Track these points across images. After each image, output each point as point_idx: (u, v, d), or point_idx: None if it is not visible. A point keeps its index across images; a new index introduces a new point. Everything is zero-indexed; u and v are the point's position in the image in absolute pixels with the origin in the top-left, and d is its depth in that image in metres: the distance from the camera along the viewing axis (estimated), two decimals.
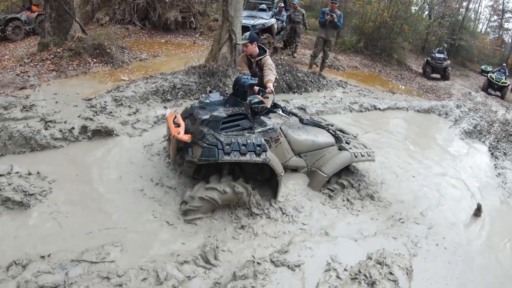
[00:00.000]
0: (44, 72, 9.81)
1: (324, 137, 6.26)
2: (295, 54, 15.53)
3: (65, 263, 4.15)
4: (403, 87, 16.62)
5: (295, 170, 6.10)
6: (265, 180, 5.72)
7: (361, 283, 4.40)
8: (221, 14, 10.02)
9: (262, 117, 5.49)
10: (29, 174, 5.37)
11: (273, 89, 5.81)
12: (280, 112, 5.71)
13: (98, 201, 5.27)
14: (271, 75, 6.06)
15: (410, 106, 12.38)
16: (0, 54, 13.38)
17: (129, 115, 7.29)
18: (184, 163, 5.46)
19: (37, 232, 4.62)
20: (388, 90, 14.56)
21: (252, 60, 6.49)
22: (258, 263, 4.41)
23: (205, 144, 4.62)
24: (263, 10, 15.76)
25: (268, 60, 6.36)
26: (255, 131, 5.11)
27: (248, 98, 5.19)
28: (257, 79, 5.74)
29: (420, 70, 22.20)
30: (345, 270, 4.60)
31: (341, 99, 10.91)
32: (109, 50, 11.16)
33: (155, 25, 17.17)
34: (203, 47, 15.30)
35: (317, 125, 6.55)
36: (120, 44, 12.50)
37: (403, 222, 5.90)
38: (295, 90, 10.74)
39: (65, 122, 6.38)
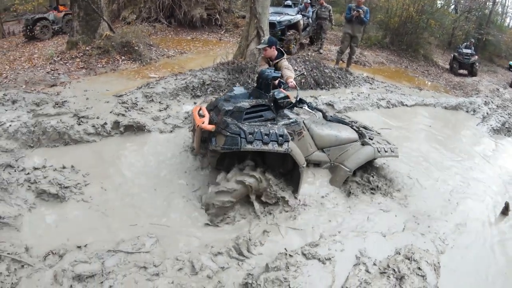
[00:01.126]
0: (74, 69, 9.96)
1: (347, 133, 6.24)
2: (321, 50, 15.46)
3: (101, 253, 4.26)
4: (429, 83, 16.41)
5: (317, 165, 6.10)
6: (287, 173, 5.70)
7: (389, 277, 4.40)
8: (249, 11, 10.02)
9: (286, 111, 5.55)
10: (64, 167, 5.49)
11: (295, 84, 5.80)
12: (306, 107, 5.72)
13: (131, 195, 5.37)
14: (290, 73, 6.11)
15: (438, 102, 12.19)
16: (30, 53, 13.64)
17: (160, 110, 7.35)
18: (207, 153, 5.52)
19: (72, 224, 4.75)
20: (415, 86, 14.38)
21: (271, 62, 6.56)
22: (290, 255, 4.45)
23: (228, 133, 4.66)
24: (288, 6, 15.74)
25: (284, 62, 6.41)
26: (278, 123, 5.12)
27: (273, 91, 5.25)
28: (280, 72, 5.83)
29: (447, 66, 21.84)
30: (374, 264, 4.60)
31: (369, 95, 10.81)
32: (137, 48, 11.29)
33: (181, 23, 17.31)
34: (229, 43, 15.36)
35: (341, 121, 6.55)
36: (147, 41, 12.62)
37: (431, 219, 5.85)
38: (322, 86, 10.68)
39: (97, 118, 6.47)
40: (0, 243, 4.20)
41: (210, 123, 4.94)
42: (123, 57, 11.00)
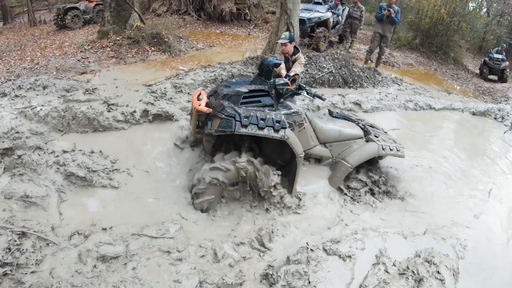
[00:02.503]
0: (104, 58, 10.09)
1: (351, 129, 6.15)
2: (350, 49, 15.38)
3: (126, 236, 4.35)
4: (458, 87, 16.17)
5: (319, 160, 6.00)
6: (285, 164, 5.56)
7: (408, 278, 4.39)
8: (279, 7, 10.04)
9: (289, 102, 5.48)
10: (92, 152, 5.58)
11: (296, 77, 5.89)
12: (305, 94, 5.61)
13: (158, 180, 5.48)
14: (298, 67, 6.25)
15: (466, 107, 11.97)
16: (60, 41, 13.87)
17: (189, 101, 7.38)
18: (204, 137, 5.49)
19: (98, 207, 4.87)
20: (444, 89, 14.19)
21: (290, 58, 6.61)
22: (311, 249, 4.48)
23: (223, 116, 4.60)
24: (318, 3, 15.67)
25: (300, 58, 6.53)
26: (279, 113, 5.00)
27: (274, 79, 5.20)
28: (283, 59, 5.91)
29: (477, 71, 21.48)
30: (394, 265, 4.59)
31: (396, 96, 10.70)
32: (166, 39, 11.39)
33: (210, 16, 17.38)
34: (258, 38, 15.37)
35: (347, 118, 6.50)
36: (177, 33, 12.74)
37: (452, 225, 5.78)
38: (350, 85, 10.64)
39: (126, 106, 6.54)
40: (27, 221, 4.31)
41: (208, 107, 4.90)
42: (152, 48, 11.10)
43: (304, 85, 5.68)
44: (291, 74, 5.96)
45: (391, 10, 11.72)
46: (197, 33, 15.05)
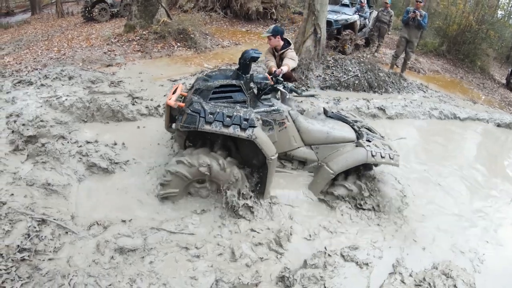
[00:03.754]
0: (130, 52, 10.17)
1: (342, 131, 5.59)
2: (376, 53, 15.24)
3: (144, 230, 4.36)
4: (484, 97, 15.86)
5: (303, 163, 5.57)
6: (261, 165, 5.12)
7: None
8: (307, 8, 9.98)
9: (273, 100, 5.22)
10: (115, 144, 5.64)
11: (285, 71, 5.52)
12: (282, 88, 5.14)
13: None
14: (288, 61, 5.85)
15: (491, 118, 11.70)
16: (87, 33, 14.01)
17: None
18: (176, 132, 5.28)
19: (118, 199, 4.88)
20: (469, 98, 13.96)
21: (276, 53, 6.35)
22: (329, 255, 4.44)
23: (189, 111, 4.41)
24: (345, 5, 15.51)
25: (289, 52, 6.15)
26: (258, 109, 4.82)
27: (252, 73, 4.96)
28: (261, 53, 5.37)
29: (503, 81, 21.06)
30: (410, 275, 4.51)
31: (421, 103, 10.52)
32: (192, 36, 11.44)
33: (237, 14, 17.43)
34: None
35: (342, 119, 6.00)
36: (203, 30, 12.79)
37: (470, 239, 5.63)
38: (375, 90, 10.49)
39: (151, 100, 6.59)
40: (47, 208, 4.36)
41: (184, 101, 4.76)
42: (178, 44, 11.15)
43: (281, 79, 5.32)
44: (284, 68, 5.58)
45: (417, 12, 11.58)
46: (222, 31, 15.08)
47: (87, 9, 17.83)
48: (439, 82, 15.06)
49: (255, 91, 4.98)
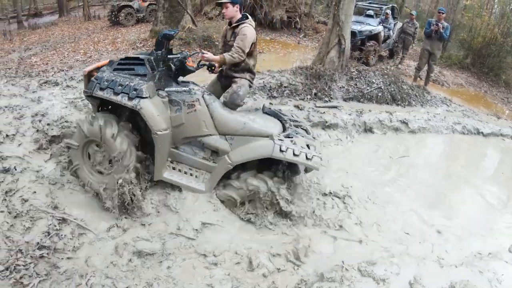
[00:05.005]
0: None
1: (263, 125, 5.10)
2: (399, 65, 15.13)
3: (163, 234, 4.39)
4: (508, 111, 15.67)
5: (216, 153, 5.10)
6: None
7: None
8: (332, 18, 9.95)
9: (192, 83, 5.14)
10: None
11: (211, 59, 5.08)
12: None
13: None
14: (236, 46, 5.06)
15: None
16: (113, 37, 14.21)
17: None
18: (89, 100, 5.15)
19: None
20: (493, 113, 13.75)
21: (228, 27, 5.42)
22: (346, 269, 4.39)
23: (93, 79, 4.62)
24: (370, 16, 15.47)
25: (244, 29, 5.08)
26: (169, 88, 4.81)
27: (165, 51, 4.89)
28: (177, 31, 5.23)
29: None
30: None
31: (445, 117, 10.37)
32: (217, 43, 11.46)
33: (261, 23, 17.44)
34: (308, 48, 15.32)
35: (277, 116, 5.57)
36: None
37: (491, 257, 5.50)
38: (398, 102, 10.33)
39: None
40: (68, 208, 4.46)
41: None
42: (203, 50, 11.21)
43: (207, 63, 5.19)
44: (209, 56, 5.06)
45: (440, 25, 11.48)
46: None
47: (113, 13, 18.15)
48: (463, 95, 14.87)
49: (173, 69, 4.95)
